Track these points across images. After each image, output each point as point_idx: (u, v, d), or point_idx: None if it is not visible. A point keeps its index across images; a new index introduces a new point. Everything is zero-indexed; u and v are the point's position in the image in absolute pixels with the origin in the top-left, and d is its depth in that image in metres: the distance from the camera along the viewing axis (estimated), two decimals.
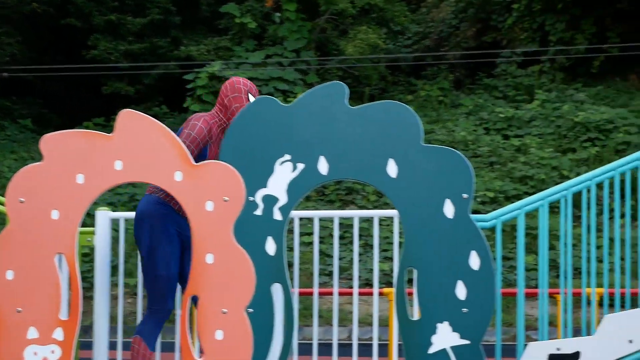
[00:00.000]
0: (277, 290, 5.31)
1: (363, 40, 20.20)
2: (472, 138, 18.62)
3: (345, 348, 6.71)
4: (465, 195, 5.09)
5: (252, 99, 5.71)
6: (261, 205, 5.27)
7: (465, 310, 5.08)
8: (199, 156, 5.56)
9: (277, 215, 5.26)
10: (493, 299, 5.09)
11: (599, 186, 5.57)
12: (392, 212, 5.60)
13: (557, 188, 5.43)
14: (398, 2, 22.67)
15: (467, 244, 5.10)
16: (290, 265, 10.57)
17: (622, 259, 13.10)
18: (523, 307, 5.47)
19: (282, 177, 5.26)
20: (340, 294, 11.50)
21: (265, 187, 5.26)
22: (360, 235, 15.82)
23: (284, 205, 5.25)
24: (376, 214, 5.82)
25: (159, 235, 5.51)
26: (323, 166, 5.23)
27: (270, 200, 5.26)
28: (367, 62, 21.20)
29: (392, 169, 5.18)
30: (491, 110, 19.83)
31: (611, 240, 11.81)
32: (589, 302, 6.06)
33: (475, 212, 13.67)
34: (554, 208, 15.20)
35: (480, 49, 21.95)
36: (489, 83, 21.26)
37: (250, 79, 20.19)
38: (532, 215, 15.54)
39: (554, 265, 14.01)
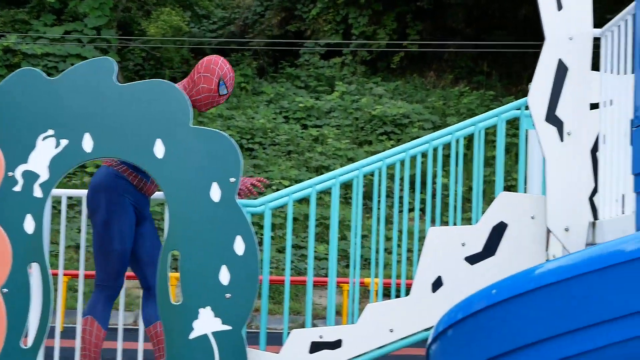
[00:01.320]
0: (35, 269, 5.13)
1: (166, 22, 19.92)
2: (271, 126, 18.68)
3: (130, 333, 6.66)
4: (232, 180, 5.03)
5: (222, 87, 5.53)
6: (21, 181, 5.04)
7: (228, 295, 5.03)
8: None
9: (38, 192, 5.05)
10: (256, 285, 5.06)
11: (377, 176, 5.61)
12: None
13: (327, 176, 5.45)
14: None
15: (233, 229, 5.04)
16: None
17: (410, 250, 13.47)
18: (311, 295, 5.48)
19: (44, 153, 5.05)
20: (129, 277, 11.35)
21: (26, 162, 5.04)
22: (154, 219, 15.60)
23: (44, 182, 5.04)
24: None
25: (116, 209, 5.33)
26: (88, 143, 5.05)
27: (30, 177, 5.04)
28: (171, 44, 20.91)
29: (159, 149, 5.05)
30: (292, 99, 19.95)
31: (400, 232, 12.12)
32: (376, 293, 6.15)
33: None
34: (348, 198, 15.47)
35: (284, 37, 22.05)
36: (291, 72, 21.39)
37: (47, 54, 19.54)
38: (325, 204, 15.78)
39: (344, 255, 14.24)
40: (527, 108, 5.15)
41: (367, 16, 21.39)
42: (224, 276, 5.05)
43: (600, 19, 4.81)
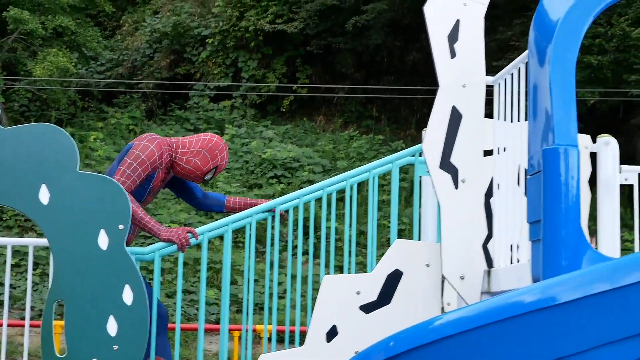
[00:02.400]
0: None
1: (53, 63, 19.52)
2: None
3: None
4: (121, 226, 4.87)
5: (209, 175, 5.46)
6: None
7: (116, 347, 4.84)
8: (145, 182, 5.29)
9: None
10: (145, 336, 4.88)
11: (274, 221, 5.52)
12: None
13: (219, 223, 5.33)
14: (91, 27, 22.16)
15: (121, 278, 4.87)
16: None
17: (303, 295, 13.40)
18: (202, 342, 5.33)
19: None
20: (10, 325, 10.95)
21: None
22: (38, 264, 15.17)
23: None
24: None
25: None
26: None
27: None
28: (58, 86, 20.51)
29: (44, 195, 4.86)
30: None
31: (293, 277, 12.03)
32: (269, 339, 6.02)
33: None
34: (238, 243, 15.31)
35: (173, 80, 21.87)
36: (181, 115, 21.20)
37: None
38: (216, 249, 15.59)
39: (235, 300, 14.07)
40: (421, 154, 5.14)
41: (256, 60, 21.41)
42: (112, 327, 4.87)
43: (486, 66, 4.85)
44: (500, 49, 18.05)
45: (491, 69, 4.77)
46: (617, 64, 17.20)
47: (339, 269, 7.36)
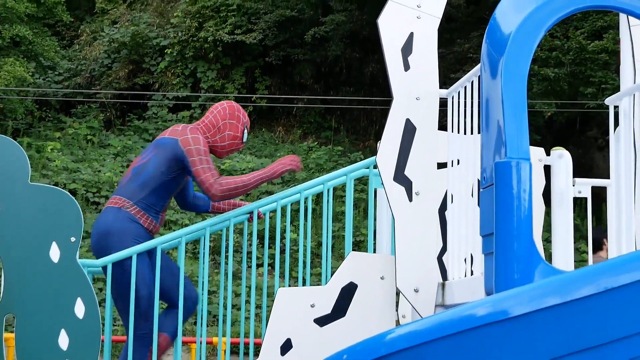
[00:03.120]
0: None
1: (9, 73, 19.34)
2: (117, 179, 18.30)
3: None
4: (73, 239, 4.83)
5: (245, 134, 5.53)
6: None
7: None
8: (182, 174, 5.40)
9: None
10: (97, 349, 4.83)
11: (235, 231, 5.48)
12: None
13: (173, 234, 5.30)
14: (49, 37, 21.98)
15: (73, 290, 4.83)
16: None
17: (259, 307, 13.35)
18: (156, 355, 5.28)
19: None
20: None
21: None
22: None
23: None
24: None
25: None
26: None
27: None
28: (14, 95, 20.33)
29: None
30: (139, 152, 19.63)
31: (250, 288, 11.97)
32: (224, 352, 6.00)
33: None
34: (196, 253, 15.23)
35: (132, 90, 21.75)
36: (139, 125, 21.09)
37: None
38: (173, 259, 15.48)
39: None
40: (375, 167, 5.14)
41: (215, 70, 21.36)
42: (63, 340, 4.81)
43: (444, 77, 4.87)
44: (458, 61, 18.17)
45: (449, 81, 4.79)
46: (573, 77, 17.36)
47: (297, 281, 7.33)
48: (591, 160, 19.39)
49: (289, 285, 6.78)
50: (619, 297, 3.22)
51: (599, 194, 5.83)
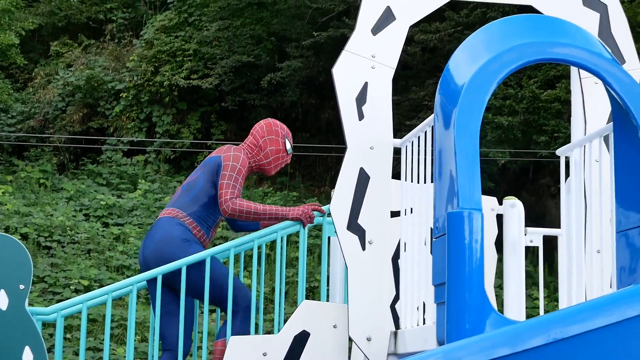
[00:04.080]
0: None
1: None
2: (70, 224, 18.12)
3: None
4: (22, 286, 4.76)
5: (288, 144, 5.64)
6: None
7: None
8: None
9: None
10: None
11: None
12: None
13: (125, 282, 5.25)
14: (2, 80, 21.85)
15: (21, 339, 4.75)
16: None
17: (211, 352, 13.25)
18: None
19: None
20: None
21: None
22: None
23: None
24: None
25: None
26: None
27: None
28: None
29: None
30: (93, 196, 19.49)
31: (201, 333, 11.92)
32: None
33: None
34: (149, 299, 15.10)
35: (86, 134, 21.64)
36: (93, 169, 20.94)
37: None
38: (126, 305, 15.35)
39: (145, 358, 13.84)
40: (329, 215, 5.14)
41: (171, 115, 21.33)
42: None
43: (399, 124, 4.91)
44: (413, 109, 18.31)
45: (404, 128, 4.83)
46: (527, 125, 17.55)
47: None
48: (544, 207, 19.56)
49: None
50: (569, 347, 3.24)
51: (551, 242, 5.88)
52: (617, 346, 3.32)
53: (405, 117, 17.13)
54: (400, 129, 4.85)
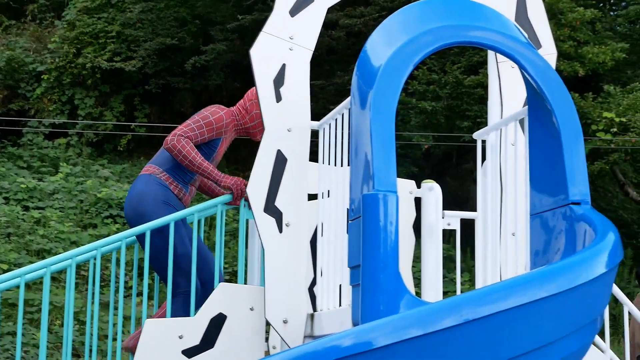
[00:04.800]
0: None
1: None
2: None
3: None
4: None
5: None
6: None
7: None
8: (209, 147, 5.50)
9: None
10: None
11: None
12: None
13: (38, 265, 5.16)
14: None
15: None
16: None
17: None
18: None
19: None
20: None
21: None
22: None
23: None
24: None
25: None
26: None
27: None
28: None
29: None
30: (13, 180, 19.16)
31: (126, 318, 11.77)
32: None
33: None
34: (62, 282, 14.91)
35: (6, 116, 21.24)
36: (13, 152, 20.58)
37: None
38: (38, 288, 15.12)
39: (61, 343, 13.66)
40: (246, 198, 5.11)
41: (94, 97, 21.04)
42: None
43: (323, 109, 4.90)
44: (338, 93, 18.31)
45: (329, 112, 4.80)
46: (450, 110, 17.71)
47: None
48: (467, 191, 19.76)
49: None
50: (481, 327, 3.27)
51: (472, 226, 5.94)
52: (528, 326, 3.36)
53: (330, 102, 17.13)
54: (325, 114, 4.83)
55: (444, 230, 5.51)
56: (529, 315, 3.34)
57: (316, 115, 4.88)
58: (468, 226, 5.65)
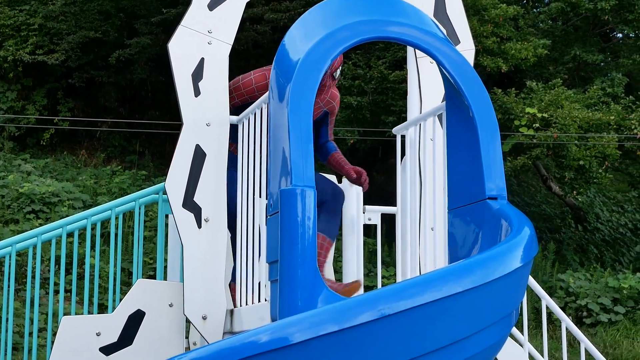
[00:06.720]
0: None
1: None
2: None
3: None
4: None
5: None
6: None
7: None
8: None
9: None
10: None
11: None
12: None
13: None
14: None
15: None
16: None
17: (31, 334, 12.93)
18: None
19: None
20: None
21: None
22: None
23: None
24: None
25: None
26: None
27: None
28: None
29: None
30: None
31: (47, 314, 11.59)
32: None
33: None
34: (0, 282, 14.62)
35: None
36: None
37: None
38: None
39: None
40: (165, 193, 5.06)
41: (15, 91, 20.67)
42: None
43: None
44: None
45: None
46: (375, 105, 17.76)
47: (102, 308, 7.16)
48: (394, 186, 19.86)
49: (89, 313, 6.59)
50: (398, 322, 3.27)
51: (394, 220, 5.96)
52: (445, 321, 3.37)
53: None
54: None
55: (370, 225, 5.53)
56: (445, 309, 3.35)
57: None
58: (392, 221, 5.67)
